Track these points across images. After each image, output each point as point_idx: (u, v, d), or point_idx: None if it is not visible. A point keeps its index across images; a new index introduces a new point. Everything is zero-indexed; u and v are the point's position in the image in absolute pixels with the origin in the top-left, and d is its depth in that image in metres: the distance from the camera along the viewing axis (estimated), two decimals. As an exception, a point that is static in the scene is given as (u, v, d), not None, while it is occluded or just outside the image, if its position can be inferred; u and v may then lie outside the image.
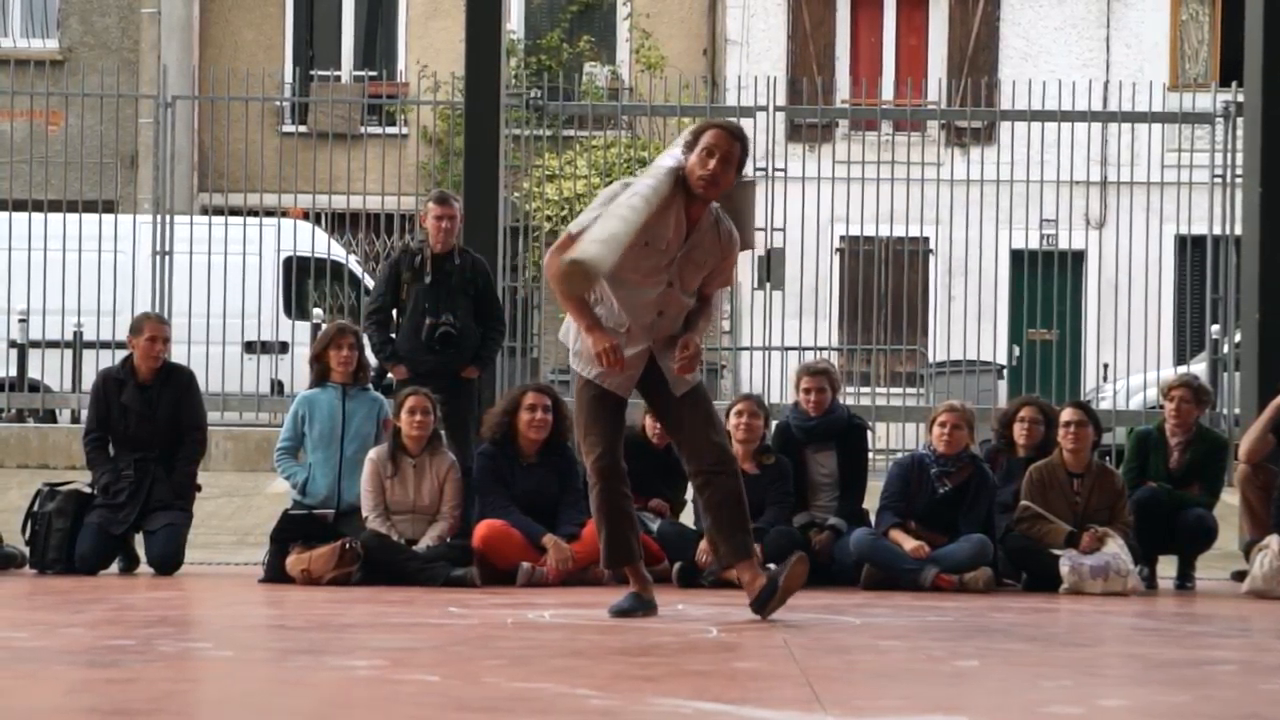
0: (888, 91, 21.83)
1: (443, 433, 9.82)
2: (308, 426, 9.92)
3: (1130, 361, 16.09)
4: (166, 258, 15.57)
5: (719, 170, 7.03)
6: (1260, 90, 11.14)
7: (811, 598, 7.98)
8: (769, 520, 9.51)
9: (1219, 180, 15.48)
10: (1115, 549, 9.39)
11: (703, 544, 9.17)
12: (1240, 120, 13.51)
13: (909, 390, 17.49)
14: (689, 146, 7.10)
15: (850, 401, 13.34)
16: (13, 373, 16.23)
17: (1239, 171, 14.02)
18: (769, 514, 9.54)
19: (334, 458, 9.84)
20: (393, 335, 10.63)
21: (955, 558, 9.38)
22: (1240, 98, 13.37)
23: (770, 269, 15.80)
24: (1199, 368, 15.65)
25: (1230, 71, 18.67)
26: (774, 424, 10.40)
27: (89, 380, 11.81)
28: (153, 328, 10.03)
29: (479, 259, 10.73)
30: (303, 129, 19.95)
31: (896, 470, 9.85)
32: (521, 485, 9.61)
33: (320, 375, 10.01)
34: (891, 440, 16.00)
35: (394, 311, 10.72)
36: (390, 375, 10.63)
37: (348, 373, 9.94)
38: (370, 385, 10.21)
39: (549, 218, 19.35)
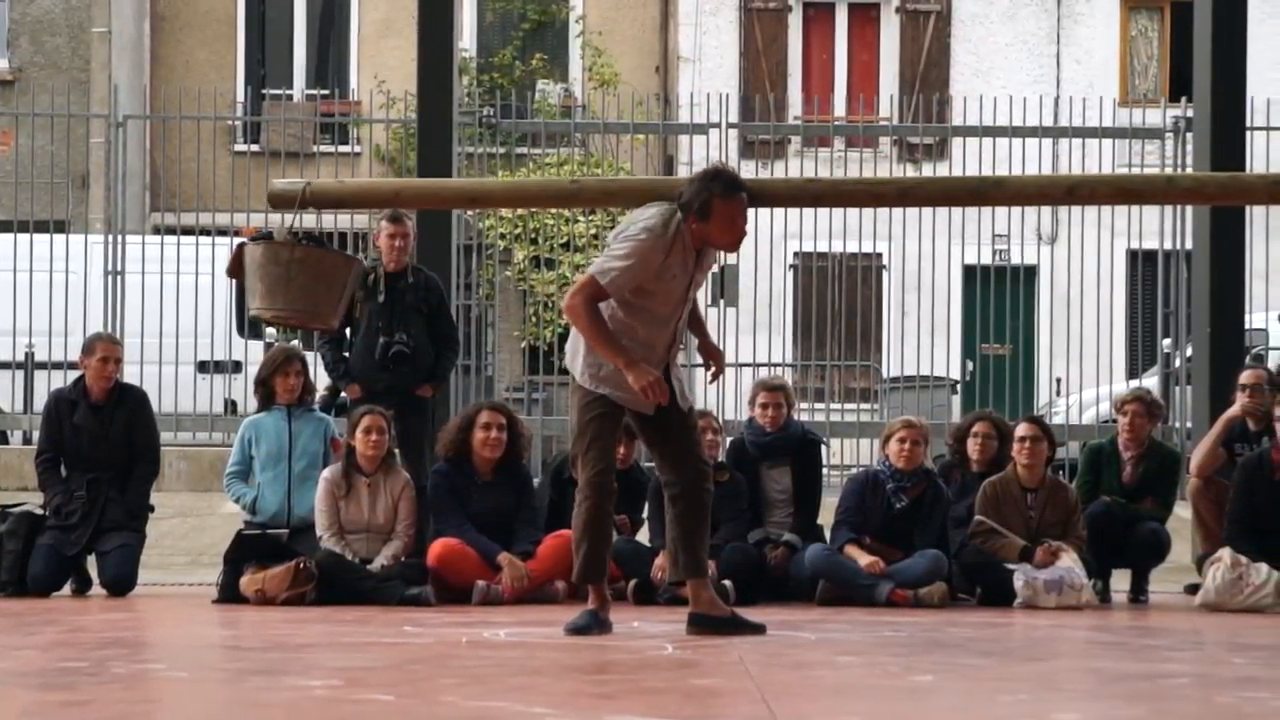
0: (840, 108, 21.90)
1: (396, 451, 9.81)
2: (255, 449, 9.92)
3: (1083, 376, 16.16)
4: (119, 277, 15.50)
5: (743, 231, 7.37)
6: (1209, 105, 11.21)
7: (767, 614, 7.98)
8: (724, 536, 9.51)
9: (1169, 195, 15.54)
10: (1069, 563, 9.42)
11: (659, 560, 9.18)
12: (1190, 135, 13.59)
13: (863, 406, 17.52)
14: (698, 216, 7.21)
15: (804, 417, 13.36)
16: (-37, 394, 16.13)
17: (1189, 186, 14.08)
18: (724, 530, 9.55)
19: (283, 475, 9.84)
20: (346, 354, 10.61)
21: (911, 573, 9.40)
22: (1190, 113, 13.45)
23: (724, 285, 15.82)
24: (1151, 382, 15.72)
25: (1180, 87, 18.79)
26: (728, 440, 10.41)
27: (41, 401, 11.74)
28: (105, 348, 9.99)
29: (432, 277, 10.72)
30: (255, 148, 19.89)
31: (852, 486, 9.87)
32: (477, 503, 9.60)
33: (266, 398, 10.01)
34: (846, 456, 16.02)
35: (348, 330, 10.69)
36: (344, 394, 10.61)
37: (293, 397, 9.96)
38: (316, 406, 10.20)
39: (503, 235, 19.33)
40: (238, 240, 8.02)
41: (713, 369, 7.54)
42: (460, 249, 13.51)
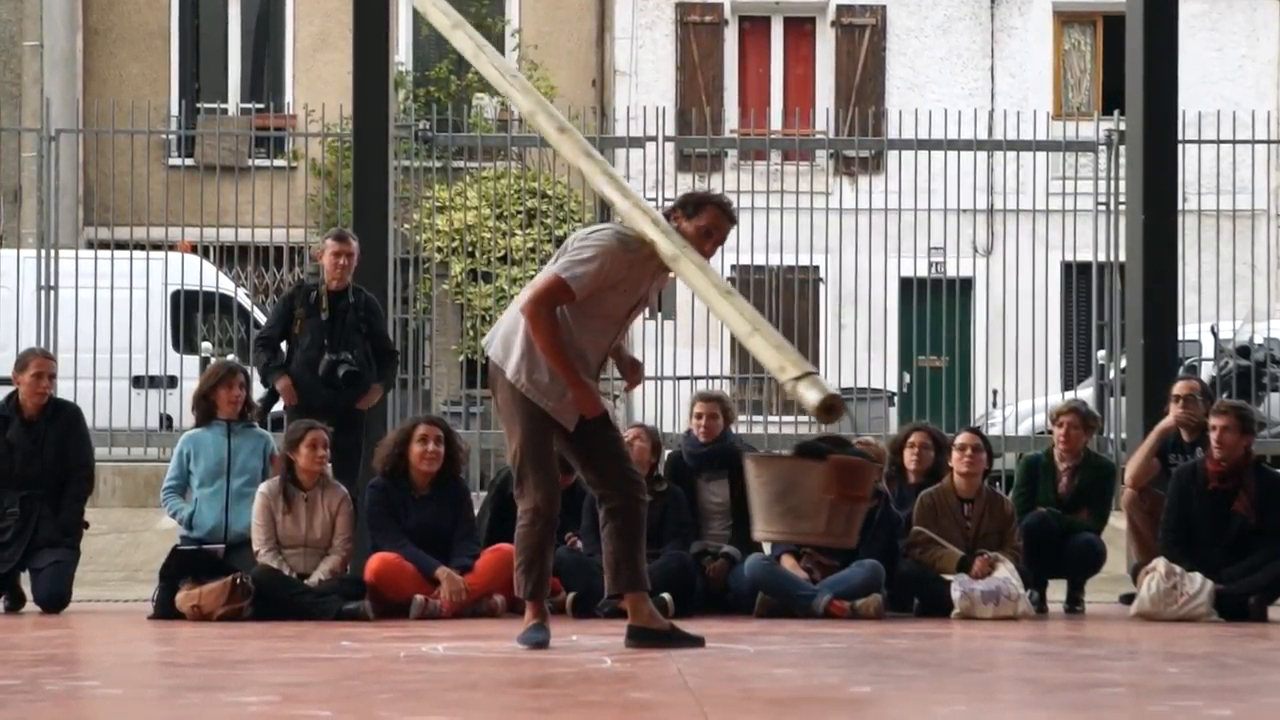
0: (776, 121, 21.97)
1: (329, 465, 9.78)
2: (193, 464, 9.86)
3: (1019, 387, 16.23)
4: (52, 293, 15.38)
5: (712, 253, 7.33)
6: (1141, 118, 11.28)
7: (706, 627, 7.99)
8: (665, 548, 9.52)
9: (1103, 207, 15.67)
10: (1006, 574, 9.46)
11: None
12: (1123, 148, 13.68)
13: (801, 419, 17.55)
14: (685, 212, 7.27)
15: (742, 430, 13.38)
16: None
17: (1122, 199, 14.20)
18: (669, 544, 9.57)
19: (221, 490, 9.78)
20: (282, 361, 10.58)
21: (848, 583, 9.42)
22: (1122, 125, 13.55)
23: (662, 298, 15.83)
24: (1086, 393, 15.81)
25: (1112, 100, 18.92)
26: (666, 453, 10.42)
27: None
28: (39, 364, 9.92)
29: (371, 297, 10.74)
30: (189, 162, 19.79)
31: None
32: (414, 518, 9.57)
33: (206, 414, 9.95)
34: (784, 468, 16.01)
35: (283, 344, 10.68)
36: (278, 388, 10.52)
37: (235, 411, 9.90)
38: (256, 423, 10.15)
39: (439, 249, 19.30)
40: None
41: (631, 380, 7.54)
42: (397, 263, 13.47)
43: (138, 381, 16.22)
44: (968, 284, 18.78)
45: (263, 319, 11.32)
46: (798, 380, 6.81)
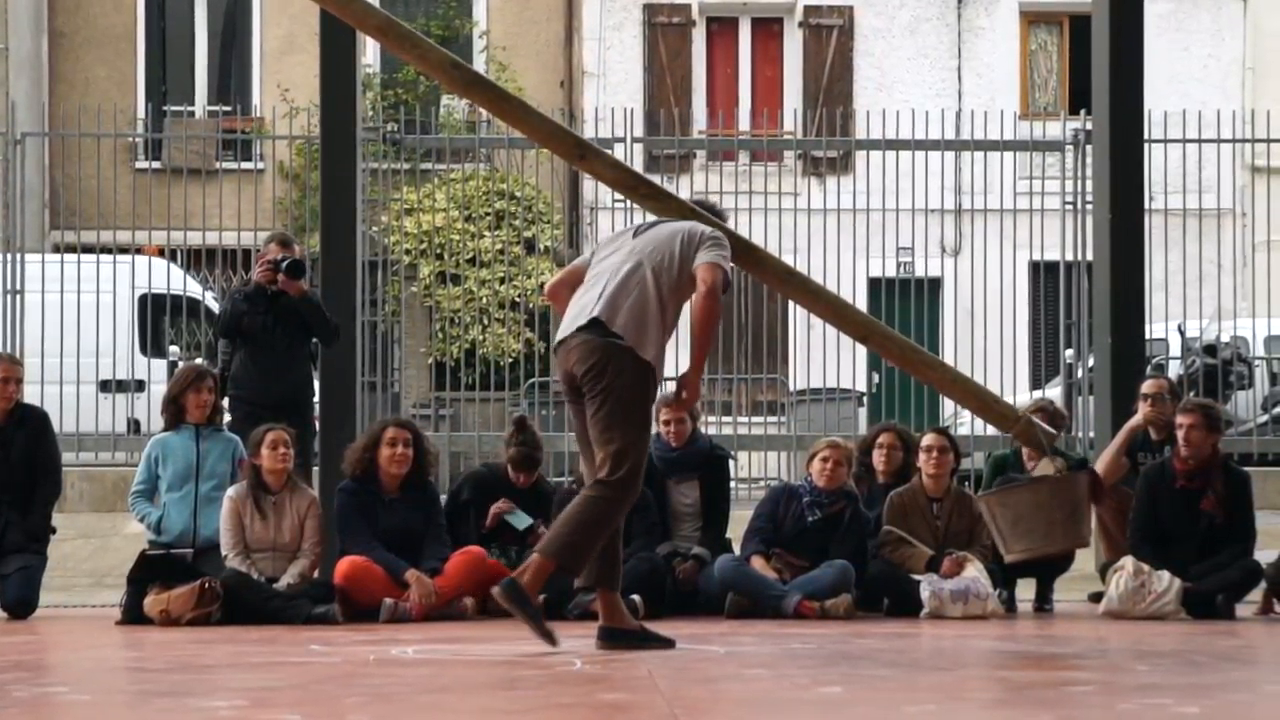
0: (744, 122, 21.99)
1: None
2: (161, 468, 9.82)
3: (987, 386, 16.24)
4: (18, 297, 15.33)
5: None
6: (1108, 117, 11.30)
7: (676, 628, 7.99)
8: (635, 550, 9.52)
9: (1070, 206, 15.71)
10: (975, 573, 9.48)
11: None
12: (1089, 147, 13.73)
13: (770, 419, 17.56)
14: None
15: (712, 431, 13.38)
16: None
17: (1089, 198, 14.24)
18: (635, 544, 9.57)
19: (189, 495, 9.74)
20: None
21: (818, 584, 9.43)
22: (1089, 125, 13.59)
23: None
24: (1054, 392, 15.85)
25: (1079, 100, 18.98)
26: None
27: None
28: (5, 369, 9.88)
29: (314, 291, 10.72)
30: (156, 165, 19.73)
31: (768, 495, 9.96)
32: (384, 521, 9.55)
33: (174, 417, 9.91)
34: (754, 469, 16.06)
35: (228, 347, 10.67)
36: (281, 283, 10.36)
37: (204, 415, 9.87)
38: (224, 427, 10.12)
39: (408, 252, 19.27)
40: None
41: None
42: (365, 265, 13.44)
43: (105, 386, 16.17)
44: (936, 284, 18.81)
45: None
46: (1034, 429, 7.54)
